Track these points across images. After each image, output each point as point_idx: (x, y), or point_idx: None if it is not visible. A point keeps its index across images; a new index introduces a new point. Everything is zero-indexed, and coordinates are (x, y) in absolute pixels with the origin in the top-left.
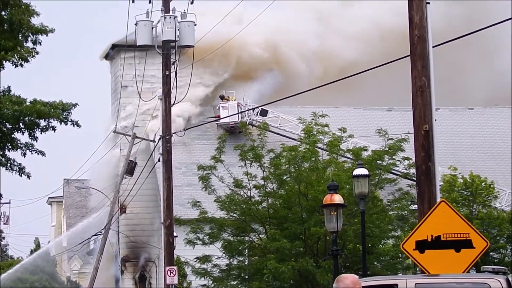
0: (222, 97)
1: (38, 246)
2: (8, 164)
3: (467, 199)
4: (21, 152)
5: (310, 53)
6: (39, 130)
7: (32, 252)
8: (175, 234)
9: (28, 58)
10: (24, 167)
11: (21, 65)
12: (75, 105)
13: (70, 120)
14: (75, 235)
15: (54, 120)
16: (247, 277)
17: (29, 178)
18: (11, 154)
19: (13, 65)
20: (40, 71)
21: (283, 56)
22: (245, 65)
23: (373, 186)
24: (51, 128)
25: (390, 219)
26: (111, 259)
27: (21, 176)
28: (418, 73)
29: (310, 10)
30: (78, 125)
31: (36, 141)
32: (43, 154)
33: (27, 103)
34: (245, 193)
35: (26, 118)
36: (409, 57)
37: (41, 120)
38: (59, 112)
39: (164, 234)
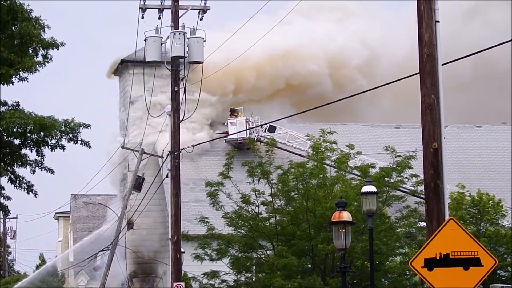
0: (232, 111)
1: (43, 262)
2: (17, 181)
3: (474, 217)
4: (30, 169)
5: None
6: (49, 147)
7: (37, 267)
8: (182, 250)
9: (34, 69)
10: (32, 185)
11: (26, 79)
12: (87, 125)
13: (80, 140)
14: (82, 250)
15: (63, 138)
16: None
17: (36, 197)
18: (20, 170)
19: (17, 78)
20: (48, 85)
21: (297, 73)
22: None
23: (381, 203)
24: (60, 147)
25: (397, 236)
26: (118, 274)
27: (29, 194)
28: (427, 91)
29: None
30: (88, 146)
31: (44, 159)
32: (52, 171)
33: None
34: (252, 209)
35: (34, 136)
36: (418, 75)
37: (49, 139)
38: (67, 129)
39: (172, 250)
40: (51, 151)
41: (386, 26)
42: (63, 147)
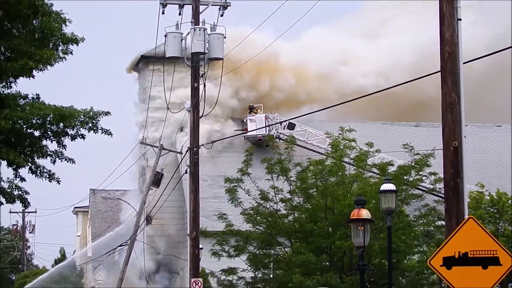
0: (251, 108)
1: (63, 256)
2: (38, 171)
3: (493, 216)
4: (51, 160)
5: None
6: (69, 138)
7: (56, 261)
8: (200, 246)
9: (53, 61)
10: (54, 173)
11: (46, 69)
12: (107, 113)
13: (101, 128)
14: (101, 245)
15: (83, 128)
16: None
17: (59, 183)
18: (40, 161)
19: (37, 71)
20: (68, 80)
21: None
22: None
23: (400, 202)
24: (80, 136)
25: (415, 234)
26: (137, 270)
27: (51, 182)
28: (448, 90)
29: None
30: (109, 134)
31: (65, 149)
32: (73, 161)
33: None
34: (271, 206)
35: (54, 127)
36: (439, 73)
37: (69, 129)
38: (86, 119)
39: (190, 246)
40: (72, 141)
41: None
42: (83, 137)
